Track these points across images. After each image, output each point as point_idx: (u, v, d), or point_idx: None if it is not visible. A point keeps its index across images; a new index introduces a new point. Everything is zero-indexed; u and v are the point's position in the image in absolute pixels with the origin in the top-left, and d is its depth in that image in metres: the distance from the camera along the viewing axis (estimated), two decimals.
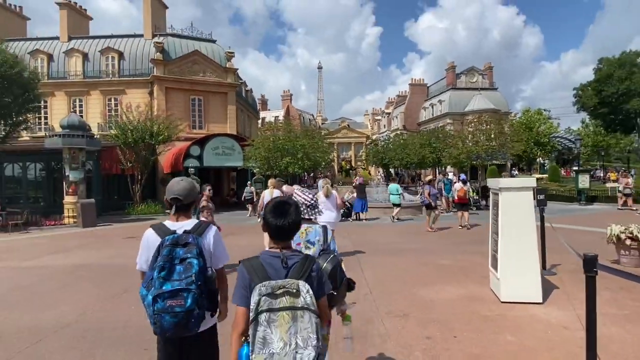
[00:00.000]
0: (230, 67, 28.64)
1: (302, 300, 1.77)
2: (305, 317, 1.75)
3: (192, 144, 21.52)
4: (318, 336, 1.75)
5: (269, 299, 1.75)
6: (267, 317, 1.73)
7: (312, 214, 3.00)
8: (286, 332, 1.72)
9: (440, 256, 8.69)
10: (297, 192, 3.11)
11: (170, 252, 2.19)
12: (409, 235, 12.09)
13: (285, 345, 1.70)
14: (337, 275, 2.58)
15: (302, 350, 1.71)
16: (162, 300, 2.12)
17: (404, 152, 30.36)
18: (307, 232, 2.80)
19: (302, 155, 17.81)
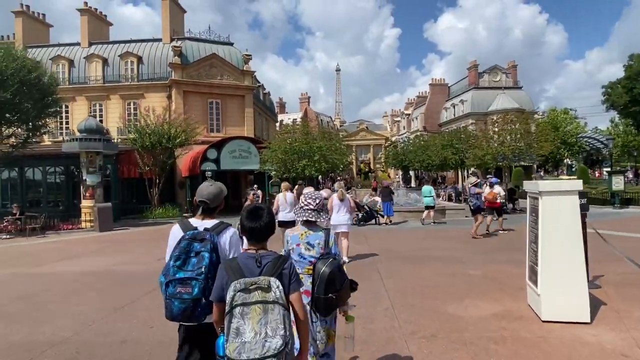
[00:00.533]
0: (248, 69, 28.43)
1: (272, 295, 1.94)
2: (275, 310, 1.93)
3: (209, 147, 21.30)
4: (285, 326, 1.92)
5: (243, 294, 1.94)
6: (241, 310, 1.91)
7: (318, 217, 3.12)
8: (257, 323, 1.89)
9: (468, 265, 8.02)
10: (302, 198, 3.21)
11: (187, 245, 2.42)
12: (432, 240, 11.41)
13: (256, 334, 1.88)
14: (336, 278, 2.72)
15: (270, 339, 1.88)
16: (173, 286, 2.36)
17: (424, 153, 29.50)
18: (307, 235, 3.00)
19: (319, 157, 17.30)
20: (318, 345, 3.01)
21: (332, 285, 2.75)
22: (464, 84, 46.90)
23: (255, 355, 1.87)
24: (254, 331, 1.90)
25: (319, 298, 2.79)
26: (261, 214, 2.22)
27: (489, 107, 41.25)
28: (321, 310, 2.85)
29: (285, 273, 2.12)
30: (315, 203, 3.16)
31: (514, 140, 16.69)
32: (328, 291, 2.75)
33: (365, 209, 15.73)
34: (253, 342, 1.88)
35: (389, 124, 73.43)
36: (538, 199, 4.87)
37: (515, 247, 9.90)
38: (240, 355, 1.88)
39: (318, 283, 2.78)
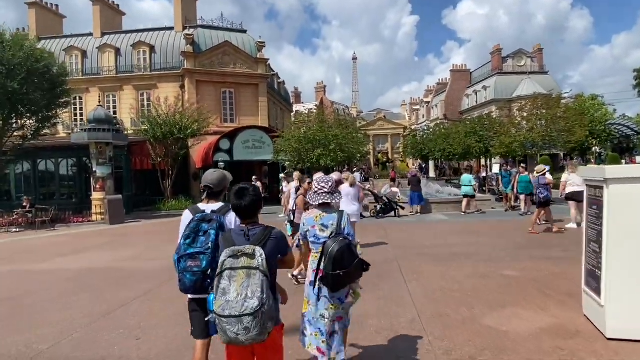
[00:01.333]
0: (261, 57, 27.63)
1: (256, 262, 2.24)
2: (257, 275, 2.22)
3: (221, 138, 20.68)
4: (263, 290, 2.19)
5: (232, 260, 2.27)
6: (229, 273, 2.24)
7: (332, 199, 3.27)
8: (240, 286, 2.21)
9: (500, 263, 7.09)
10: (315, 182, 3.36)
11: (197, 226, 2.71)
12: (457, 235, 10.47)
13: (238, 295, 2.19)
14: (345, 255, 2.87)
15: (249, 299, 2.17)
16: (184, 261, 2.66)
17: (445, 142, 28.26)
18: (322, 217, 3.15)
19: (335, 146, 16.43)
20: (326, 322, 3.05)
21: (340, 262, 2.86)
22: (486, 70, 45.02)
23: (235, 312, 2.15)
24: (236, 292, 2.18)
25: (327, 274, 2.90)
26: (245, 194, 2.48)
27: (513, 93, 39.44)
28: (329, 286, 2.96)
29: (274, 240, 2.44)
30: (328, 186, 3.29)
31: (546, 125, 15.44)
32: (336, 268, 2.86)
33: (384, 200, 14.84)
34: (234, 302, 2.16)
35: (407, 113, 71.70)
36: (602, 188, 3.94)
37: (551, 242, 8.93)
38: (223, 311, 2.17)
39: (327, 260, 2.90)
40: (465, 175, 15.70)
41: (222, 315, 2.17)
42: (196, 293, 2.68)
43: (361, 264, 3.01)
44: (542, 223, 11.07)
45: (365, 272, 3.09)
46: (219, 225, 2.70)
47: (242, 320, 2.14)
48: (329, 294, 3.03)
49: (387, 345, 3.99)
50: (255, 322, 2.15)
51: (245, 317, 2.14)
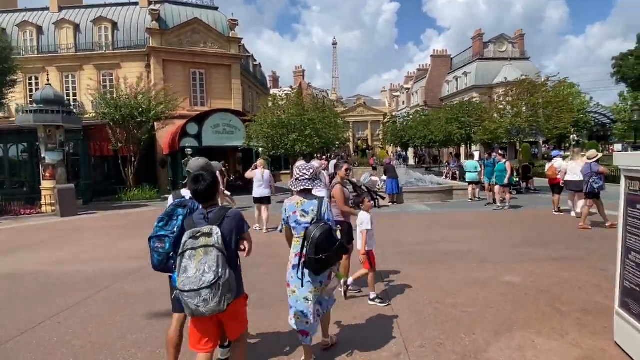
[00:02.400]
0: (234, 36, 25.93)
1: (213, 240, 2.46)
2: (214, 252, 2.43)
3: (188, 122, 19.12)
4: (219, 265, 2.40)
5: (192, 240, 2.48)
6: (190, 253, 2.45)
7: (313, 185, 3.38)
8: (199, 262, 2.41)
9: (500, 266, 6.10)
10: (296, 170, 3.44)
11: (172, 210, 2.93)
12: (443, 228, 9.48)
13: (197, 271, 2.40)
14: (326, 240, 3.06)
15: (206, 274, 2.38)
16: (153, 242, 2.88)
17: (426, 129, 27.39)
18: (302, 203, 3.30)
19: (311, 132, 15.20)
20: (310, 304, 3.18)
21: (322, 247, 3.03)
22: (467, 55, 44.27)
23: (194, 287, 2.37)
24: (195, 269, 2.41)
25: (310, 259, 3.07)
26: (201, 180, 2.70)
27: (494, 79, 38.87)
28: (313, 270, 3.11)
29: (230, 218, 2.68)
30: (310, 173, 3.37)
31: (533, 111, 14.61)
32: (318, 252, 3.03)
33: (363, 190, 13.76)
34: (193, 277, 2.39)
35: (387, 100, 70.78)
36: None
37: (550, 238, 8.03)
38: (184, 287, 2.40)
39: (309, 245, 3.07)
40: (470, 161, 15.11)
41: (184, 290, 2.38)
42: (162, 271, 2.94)
43: (341, 247, 3.22)
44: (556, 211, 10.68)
45: None
46: (190, 210, 2.89)
47: (200, 293, 2.36)
48: (312, 277, 3.18)
49: None
50: (212, 294, 2.37)
51: (204, 290, 2.36)
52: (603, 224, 8.89)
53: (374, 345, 3.67)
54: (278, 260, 5.89)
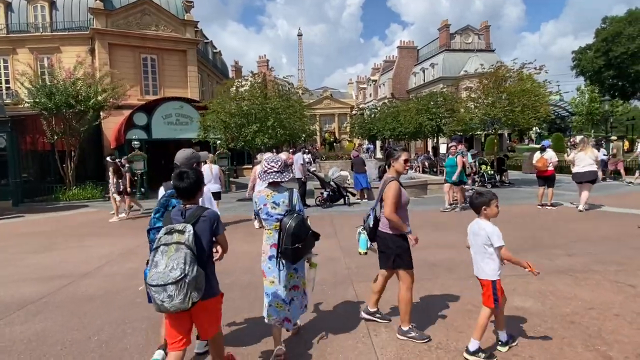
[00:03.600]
0: (189, 19, 23.86)
1: (184, 238, 2.47)
2: (183, 250, 2.44)
3: (135, 111, 17.14)
4: (186, 262, 2.41)
5: (167, 236, 2.52)
6: (163, 248, 2.48)
7: (282, 177, 3.35)
8: (169, 259, 2.43)
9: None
10: (265, 162, 3.43)
11: (166, 201, 3.04)
12: (427, 230, 8.28)
13: (166, 266, 2.41)
14: (302, 230, 3.19)
15: (173, 270, 2.39)
16: (153, 233, 2.98)
17: (395, 120, 26.40)
18: (273, 195, 3.31)
19: (274, 122, 13.68)
20: (285, 291, 3.31)
21: (298, 236, 3.16)
22: (434, 47, 43.77)
23: (160, 282, 2.39)
24: (165, 264, 2.43)
25: (287, 248, 3.15)
26: (184, 177, 2.71)
27: (460, 70, 38.52)
28: (289, 259, 3.23)
29: (205, 219, 2.68)
30: (278, 165, 3.35)
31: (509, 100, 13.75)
32: (295, 242, 3.15)
33: (332, 186, 12.46)
34: (162, 272, 2.41)
35: (354, 92, 69.80)
36: None
37: (549, 241, 6.95)
38: (152, 281, 2.42)
39: (285, 235, 3.15)
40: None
41: (151, 285, 2.42)
42: None
43: (313, 235, 3.39)
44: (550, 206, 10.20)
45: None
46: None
47: (166, 289, 2.39)
48: (287, 265, 3.30)
49: None
50: (177, 291, 2.39)
51: (169, 286, 2.38)
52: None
53: None
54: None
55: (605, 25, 40.10)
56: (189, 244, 2.45)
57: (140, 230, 9.47)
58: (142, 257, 7.00)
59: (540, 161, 10.17)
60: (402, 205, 3.61)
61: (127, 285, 5.45)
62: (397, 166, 3.69)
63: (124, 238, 8.72)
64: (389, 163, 3.78)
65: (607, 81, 44.06)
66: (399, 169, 3.69)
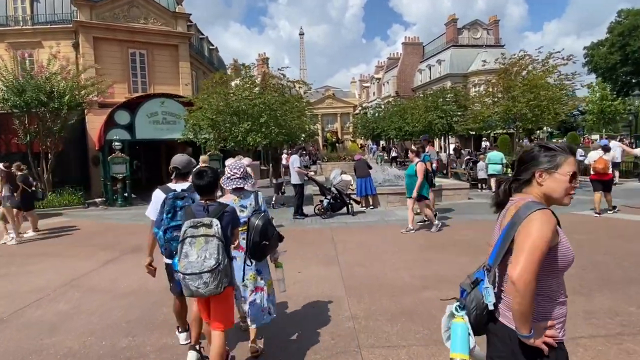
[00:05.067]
0: (181, 12, 22.30)
1: (213, 231, 2.73)
2: (214, 241, 2.71)
3: (117, 109, 15.54)
4: (219, 252, 2.70)
5: (192, 229, 2.75)
6: (190, 240, 2.72)
7: (245, 183, 3.53)
8: (200, 250, 2.70)
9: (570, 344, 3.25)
10: (227, 169, 3.59)
11: (173, 203, 3.31)
12: (443, 251, 6.66)
13: (198, 257, 2.69)
14: (268, 229, 3.35)
15: (207, 260, 2.67)
16: (170, 232, 3.27)
17: (402, 119, 24.77)
18: (239, 199, 3.50)
19: (268, 119, 12.06)
20: (248, 291, 3.49)
21: (265, 234, 3.31)
22: (440, 43, 42.07)
23: (195, 270, 2.67)
24: (197, 255, 2.69)
25: (256, 245, 3.31)
26: (204, 175, 2.99)
27: (469, 67, 36.84)
28: (256, 256, 3.39)
29: (228, 214, 2.96)
30: (240, 172, 3.52)
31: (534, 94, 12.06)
32: (262, 239, 3.31)
33: (333, 193, 10.81)
34: (195, 262, 2.68)
35: (357, 91, 68.08)
36: None
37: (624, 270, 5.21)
38: (186, 270, 2.69)
39: (253, 233, 3.30)
40: (493, 152, 13.78)
41: (185, 274, 2.69)
42: None
43: (278, 235, 3.52)
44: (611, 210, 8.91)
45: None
46: (193, 201, 3.28)
47: (202, 277, 2.66)
48: (251, 266, 3.47)
49: None
50: (212, 278, 2.68)
51: (205, 274, 2.66)
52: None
53: None
54: None
55: (620, 19, 38.27)
56: (220, 236, 2.74)
57: (98, 249, 7.96)
58: (84, 291, 5.43)
59: (600, 162, 8.81)
60: (558, 267, 1.67)
61: (38, 346, 3.84)
62: (552, 184, 1.72)
63: (74, 261, 7.12)
64: (521, 173, 1.81)
65: (621, 78, 42.22)
66: (554, 191, 1.72)
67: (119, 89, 20.14)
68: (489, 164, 13.90)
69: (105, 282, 5.84)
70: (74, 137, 18.73)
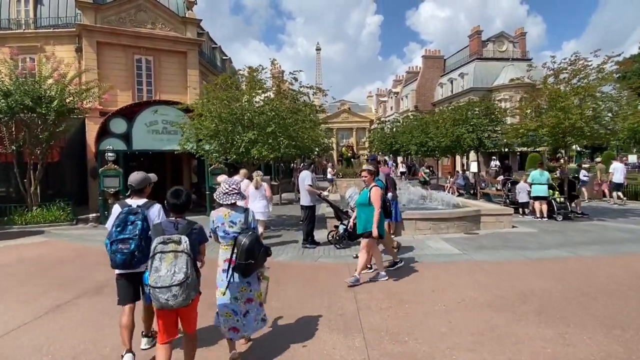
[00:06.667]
0: (191, 17, 21.05)
1: (182, 247, 2.99)
2: (183, 257, 2.97)
3: (111, 116, 14.12)
4: (187, 267, 2.95)
5: (162, 245, 2.99)
6: (160, 256, 2.96)
7: (239, 198, 3.74)
8: (169, 264, 2.94)
9: None
10: (223, 185, 3.74)
11: (125, 217, 3.56)
12: (524, 315, 4.75)
13: (168, 271, 2.92)
14: (255, 247, 3.50)
15: (177, 274, 2.92)
16: (115, 244, 3.47)
17: (424, 134, 22.88)
18: (230, 214, 3.66)
19: (276, 128, 10.38)
20: (239, 303, 3.67)
21: (251, 253, 3.46)
22: (463, 56, 40.23)
23: (165, 284, 2.90)
24: (166, 269, 2.92)
25: (240, 264, 3.48)
26: (180, 194, 3.33)
27: (494, 81, 34.86)
28: (242, 273, 3.54)
29: (196, 231, 3.25)
30: (238, 188, 3.74)
31: (593, 104, 10.15)
32: (248, 258, 3.46)
33: (348, 217, 8.96)
34: (165, 276, 2.91)
35: (374, 105, 66.45)
36: None
37: None
38: (156, 283, 2.91)
39: (239, 252, 3.47)
40: (536, 171, 12.26)
41: (156, 287, 2.91)
42: (124, 269, 3.57)
43: (265, 251, 3.63)
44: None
45: None
46: (143, 217, 3.58)
47: (171, 289, 2.89)
48: (240, 279, 3.61)
49: None
50: (181, 291, 2.92)
51: (174, 287, 2.90)
52: None
53: None
54: None
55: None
56: (188, 252, 2.98)
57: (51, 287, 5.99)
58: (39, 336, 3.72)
59: None
60: None
61: None
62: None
63: (11, 305, 5.41)
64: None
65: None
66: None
67: (122, 97, 18.88)
68: (532, 184, 11.95)
69: (29, 349, 4.10)
70: (71, 147, 17.46)
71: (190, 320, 3.27)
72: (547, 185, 11.71)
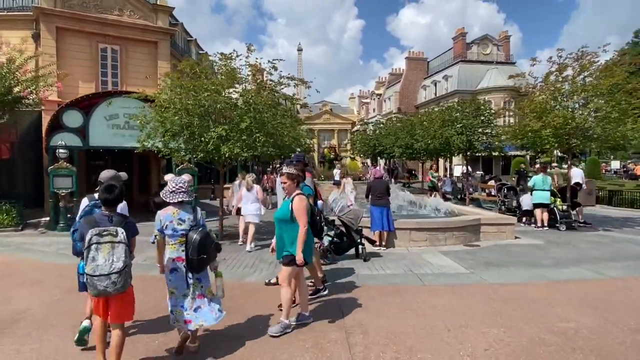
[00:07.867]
0: (162, 5, 19.47)
1: (119, 238, 3.17)
2: (121, 247, 3.15)
3: (64, 108, 12.47)
4: (126, 256, 3.15)
5: (97, 237, 3.12)
6: (96, 246, 3.09)
7: (187, 197, 3.75)
8: (107, 254, 3.09)
9: None
10: (171, 183, 3.76)
11: (90, 210, 3.80)
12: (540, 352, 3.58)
13: (106, 261, 3.07)
14: (206, 242, 3.58)
15: (115, 262, 3.09)
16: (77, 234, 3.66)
17: (409, 136, 21.91)
18: (178, 212, 3.69)
19: (251, 123, 9.03)
20: (189, 299, 3.70)
21: (203, 248, 3.55)
22: (447, 58, 39.68)
23: (104, 272, 3.06)
24: (104, 259, 3.07)
25: (193, 259, 3.54)
26: (113, 189, 3.41)
27: (478, 84, 34.33)
28: (195, 269, 3.61)
29: (129, 224, 3.43)
30: (185, 186, 3.75)
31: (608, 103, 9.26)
32: (200, 253, 3.53)
33: (337, 227, 7.69)
34: (103, 265, 3.07)
35: (356, 107, 65.57)
36: None
37: None
38: (94, 272, 3.05)
39: (191, 248, 3.52)
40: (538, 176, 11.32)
41: (94, 275, 3.06)
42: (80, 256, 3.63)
43: (216, 246, 3.73)
44: None
45: None
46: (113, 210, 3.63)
47: (110, 277, 3.06)
48: (195, 277, 3.70)
49: None
50: (120, 278, 3.10)
51: (113, 275, 3.07)
52: None
53: None
54: None
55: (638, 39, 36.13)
56: (125, 242, 3.17)
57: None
58: None
59: None
60: None
61: None
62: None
63: None
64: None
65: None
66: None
67: (84, 89, 17.07)
68: (534, 190, 10.98)
69: None
70: (25, 143, 15.72)
71: (124, 307, 3.35)
72: (549, 192, 10.75)
